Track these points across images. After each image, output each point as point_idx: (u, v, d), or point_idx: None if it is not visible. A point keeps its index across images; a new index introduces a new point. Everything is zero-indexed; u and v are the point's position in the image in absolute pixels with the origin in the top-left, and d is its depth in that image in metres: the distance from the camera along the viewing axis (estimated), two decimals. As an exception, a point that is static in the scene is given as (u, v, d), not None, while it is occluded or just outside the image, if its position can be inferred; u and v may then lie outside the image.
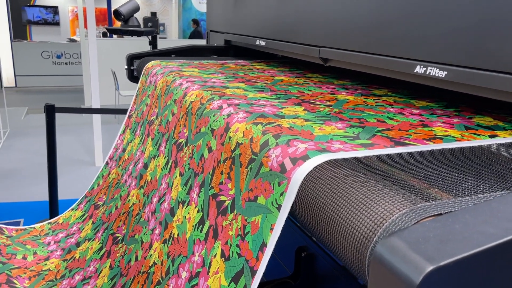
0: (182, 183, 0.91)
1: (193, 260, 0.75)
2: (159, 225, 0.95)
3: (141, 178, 1.19)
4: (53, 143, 2.52)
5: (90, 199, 1.55)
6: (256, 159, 0.65)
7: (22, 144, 4.74)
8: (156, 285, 0.84)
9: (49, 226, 1.56)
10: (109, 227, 1.25)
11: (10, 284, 1.24)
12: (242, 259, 0.61)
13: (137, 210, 1.13)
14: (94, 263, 1.20)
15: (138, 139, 1.36)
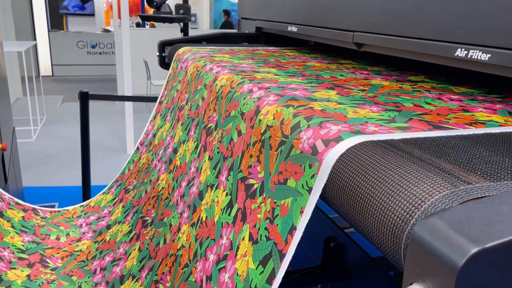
0: (211, 167, 0.91)
1: (221, 243, 0.74)
2: (188, 208, 0.95)
3: (171, 162, 1.20)
4: (86, 129, 2.58)
5: (121, 183, 1.57)
6: (286, 142, 0.63)
7: (57, 130, 4.89)
8: (183, 268, 0.84)
9: (81, 209, 1.60)
10: (139, 210, 1.27)
11: (44, 263, 1.27)
12: (270, 242, 0.60)
13: (166, 194, 1.14)
14: (123, 245, 1.22)
15: (168, 125, 1.37)
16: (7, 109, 2.25)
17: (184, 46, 1.63)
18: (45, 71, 8.79)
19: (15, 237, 1.33)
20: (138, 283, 1.01)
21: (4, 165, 1.83)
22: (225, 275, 0.68)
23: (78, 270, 1.24)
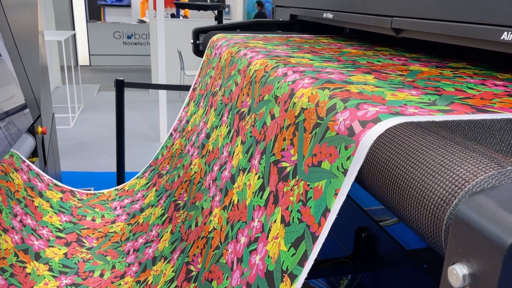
0: (243, 151, 0.91)
1: (252, 225, 0.74)
2: (220, 192, 0.96)
3: (203, 147, 1.21)
4: (121, 116, 2.63)
5: (154, 168, 1.60)
6: (321, 124, 0.62)
7: (94, 118, 5.03)
8: (215, 250, 0.85)
9: (115, 192, 1.64)
10: (172, 194, 1.29)
11: (80, 243, 1.32)
12: (303, 225, 0.59)
13: (199, 178, 1.14)
14: (156, 228, 1.24)
15: (202, 111, 1.38)
16: (47, 96, 2.33)
17: (219, 33, 1.63)
18: (83, 61, 9.04)
19: (53, 216, 1.38)
20: (169, 265, 1.03)
21: (44, 148, 1.89)
22: (256, 257, 0.68)
23: (112, 251, 1.28)
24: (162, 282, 1.00)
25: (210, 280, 0.80)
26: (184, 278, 0.91)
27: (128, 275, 1.15)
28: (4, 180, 1.29)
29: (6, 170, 1.34)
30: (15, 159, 1.43)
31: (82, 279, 1.16)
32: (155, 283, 1.02)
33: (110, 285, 1.13)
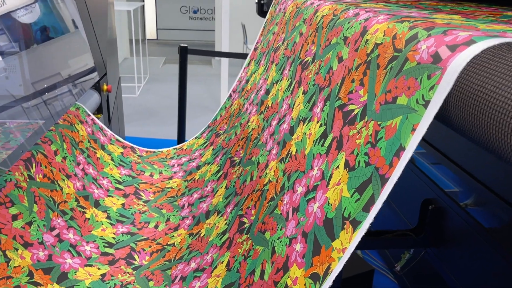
0: (305, 101, 0.84)
1: (311, 174, 0.68)
2: (277, 145, 0.91)
3: (262, 104, 1.16)
4: (184, 82, 2.65)
5: (212, 128, 1.58)
6: (399, 56, 0.54)
7: (158, 88, 5.17)
8: (269, 201, 0.80)
9: (174, 151, 1.65)
10: (228, 151, 1.26)
11: (137, 196, 1.33)
12: (370, 168, 0.52)
13: (256, 134, 1.10)
14: (211, 184, 1.22)
15: (262, 68, 1.32)
16: (114, 62, 2.40)
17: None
18: (150, 34, 9.30)
19: (113, 169, 1.41)
20: (222, 218, 1.00)
21: (109, 106, 1.95)
22: (314, 205, 0.62)
23: (167, 205, 1.28)
24: (214, 234, 0.97)
25: (263, 231, 0.76)
26: (236, 230, 0.88)
27: (181, 227, 1.14)
28: (69, 130, 1.32)
29: (71, 121, 1.38)
30: (80, 112, 1.47)
31: (137, 229, 1.17)
32: (207, 235, 1.00)
33: (163, 236, 1.13)
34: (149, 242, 1.11)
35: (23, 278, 0.84)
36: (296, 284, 0.58)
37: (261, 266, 0.70)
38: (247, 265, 0.75)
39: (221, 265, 0.84)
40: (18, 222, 0.93)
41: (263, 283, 0.66)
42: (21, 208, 0.95)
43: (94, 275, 0.96)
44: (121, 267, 1.01)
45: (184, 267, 0.95)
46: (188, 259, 0.97)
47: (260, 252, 0.73)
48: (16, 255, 0.87)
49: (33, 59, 1.43)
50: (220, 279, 0.80)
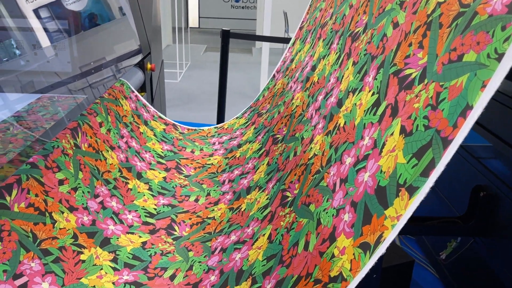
0: (355, 71, 0.81)
1: (361, 144, 0.65)
2: (323, 119, 0.88)
3: (307, 80, 1.13)
4: (225, 66, 2.65)
5: (254, 108, 1.56)
6: (466, 11, 0.50)
7: (199, 75, 5.22)
8: (314, 175, 0.78)
9: (215, 130, 1.65)
10: (270, 130, 1.24)
11: (178, 170, 1.34)
12: (430, 131, 0.49)
13: (300, 111, 1.08)
14: (252, 161, 1.21)
15: (308, 46, 1.29)
16: (158, 47, 2.44)
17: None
18: (192, 23, 9.40)
19: (156, 144, 1.42)
20: (264, 193, 0.99)
21: (152, 85, 1.97)
22: (365, 174, 0.59)
23: (208, 180, 1.28)
24: (256, 209, 0.96)
25: (307, 204, 0.74)
26: (278, 204, 0.86)
27: (221, 202, 1.14)
28: (114, 104, 1.35)
29: (116, 96, 1.40)
30: (125, 87, 1.49)
31: (178, 201, 1.17)
32: (248, 209, 0.99)
33: (203, 209, 1.13)
34: (189, 215, 1.11)
35: (68, 240, 0.86)
36: (344, 254, 0.55)
37: (305, 237, 0.68)
38: (290, 237, 0.73)
39: (262, 237, 0.82)
40: (64, 187, 0.95)
41: (308, 254, 0.64)
42: (67, 174, 0.97)
43: (136, 243, 0.98)
44: (162, 236, 1.02)
45: (224, 240, 0.94)
46: (228, 232, 0.96)
47: (304, 224, 0.71)
48: (62, 218, 0.89)
49: (80, 43, 1.50)
50: (262, 251, 0.78)
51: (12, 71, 1.42)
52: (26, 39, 1.43)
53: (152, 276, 0.89)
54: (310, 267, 0.61)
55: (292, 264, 0.66)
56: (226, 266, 0.84)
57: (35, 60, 1.40)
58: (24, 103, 1.24)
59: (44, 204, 0.87)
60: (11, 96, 1.29)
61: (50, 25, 1.48)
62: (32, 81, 1.33)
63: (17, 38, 1.46)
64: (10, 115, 1.12)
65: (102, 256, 0.89)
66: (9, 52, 1.53)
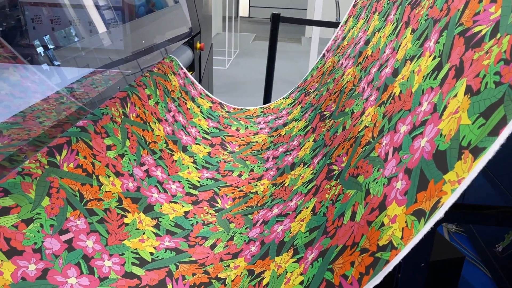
0: (414, 39, 0.75)
1: (419, 111, 0.60)
2: (376, 91, 0.83)
3: (360, 55, 1.08)
4: (274, 50, 2.62)
5: (302, 88, 1.53)
6: None
7: (246, 62, 5.21)
8: (364, 146, 0.74)
9: (261, 110, 1.62)
10: (318, 107, 1.20)
11: (223, 146, 1.33)
12: (502, 87, 0.44)
13: (351, 86, 1.03)
14: (297, 139, 1.18)
15: (362, 21, 1.24)
16: (208, 32, 2.45)
17: None
18: (243, 12, 9.41)
19: (202, 120, 1.42)
20: (309, 169, 0.95)
21: (200, 65, 1.98)
22: (422, 140, 0.55)
23: (252, 157, 1.26)
24: (300, 183, 0.93)
25: (355, 175, 0.70)
26: (324, 178, 0.83)
27: (265, 178, 1.11)
28: (163, 79, 1.36)
29: (165, 71, 1.41)
30: (174, 64, 1.50)
31: (221, 176, 1.17)
32: (292, 185, 0.96)
33: (246, 184, 1.11)
34: (232, 189, 1.10)
35: (112, 203, 0.87)
36: (395, 222, 0.51)
37: (352, 208, 0.64)
38: (335, 209, 0.69)
39: (305, 210, 0.79)
40: (111, 152, 0.96)
41: (354, 224, 0.60)
42: (114, 141, 0.99)
43: (178, 211, 0.97)
44: (204, 207, 1.01)
45: (266, 213, 0.92)
46: (270, 206, 0.94)
47: (351, 195, 0.67)
48: (108, 182, 0.90)
49: (135, 25, 1.64)
50: (304, 223, 0.75)
51: (88, 49, 1.58)
52: (98, 21, 1.59)
53: (193, 244, 0.88)
54: (357, 236, 0.57)
55: (337, 235, 0.63)
56: (267, 237, 0.82)
57: (106, 39, 1.56)
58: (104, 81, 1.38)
59: (91, 166, 0.88)
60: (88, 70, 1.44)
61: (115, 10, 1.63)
62: (100, 58, 1.49)
63: (91, 20, 1.60)
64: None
65: (145, 221, 0.90)
66: (83, 32, 1.67)
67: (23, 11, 1.84)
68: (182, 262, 0.82)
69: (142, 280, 0.75)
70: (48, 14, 1.86)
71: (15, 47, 1.73)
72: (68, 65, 1.79)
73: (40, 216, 0.71)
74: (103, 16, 1.75)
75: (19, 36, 1.89)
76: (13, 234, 0.65)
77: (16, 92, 1.52)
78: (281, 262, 0.71)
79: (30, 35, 1.88)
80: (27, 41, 1.88)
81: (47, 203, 0.73)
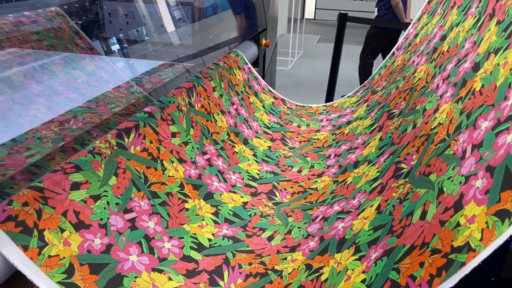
0: (499, 30, 0.70)
1: (504, 105, 0.55)
2: (453, 87, 0.78)
3: (435, 51, 1.02)
4: (339, 50, 2.57)
5: (368, 87, 1.48)
6: None
7: (309, 64, 5.17)
8: (438, 144, 0.69)
9: (324, 108, 1.59)
10: (386, 105, 1.15)
11: (283, 142, 1.32)
12: None
13: (423, 83, 0.97)
14: (362, 137, 1.14)
15: (438, 17, 1.17)
16: (274, 33, 2.46)
17: None
18: (308, 14, 9.35)
19: (264, 115, 1.42)
20: (374, 167, 0.91)
21: (265, 62, 1.98)
22: (508, 136, 0.50)
23: (313, 153, 1.24)
24: (363, 181, 0.89)
25: (427, 174, 0.66)
26: (391, 176, 0.79)
27: (326, 175, 1.09)
28: (228, 72, 1.37)
29: (231, 65, 1.42)
30: (239, 59, 1.51)
31: (281, 170, 1.15)
32: (355, 183, 0.93)
33: (306, 180, 1.09)
34: (291, 184, 1.08)
35: (175, 188, 0.89)
36: (473, 223, 0.47)
37: (422, 207, 0.60)
38: (403, 207, 0.65)
39: (369, 208, 0.76)
40: (176, 139, 0.98)
41: (424, 223, 0.56)
42: (179, 128, 1.01)
43: (237, 201, 0.97)
44: (262, 200, 1.01)
45: (326, 209, 0.89)
46: (331, 202, 0.91)
47: (422, 194, 0.63)
48: (171, 167, 0.92)
49: (201, 26, 1.77)
50: (368, 221, 0.72)
51: (158, 43, 1.68)
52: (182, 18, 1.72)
53: (251, 234, 0.88)
54: (427, 236, 0.53)
55: (404, 234, 0.59)
56: (327, 233, 0.79)
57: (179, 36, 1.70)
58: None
59: (157, 151, 0.91)
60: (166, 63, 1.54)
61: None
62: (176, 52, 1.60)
63: (162, 15, 1.71)
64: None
65: (204, 208, 0.91)
66: (156, 31, 1.78)
67: (101, 6, 1.95)
68: (239, 251, 0.82)
69: (200, 264, 0.76)
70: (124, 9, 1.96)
71: (92, 39, 1.84)
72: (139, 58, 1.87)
73: (107, 194, 0.73)
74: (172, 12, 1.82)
75: (97, 29, 2.01)
76: (82, 208, 0.68)
77: (91, 81, 1.61)
78: (342, 259, 0.68)
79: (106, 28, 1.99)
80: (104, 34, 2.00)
81: (114, 182, 0.76)
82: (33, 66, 1.42)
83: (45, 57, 1.49)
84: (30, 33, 1.51)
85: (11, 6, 1.54)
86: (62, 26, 1.68)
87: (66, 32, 1.67)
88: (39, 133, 1.03)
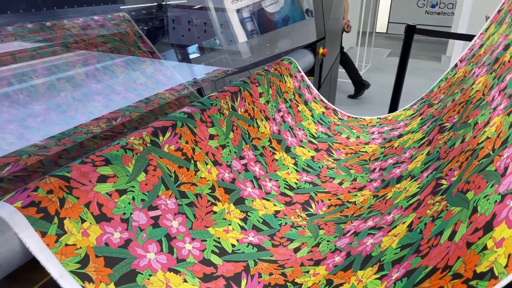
0: None
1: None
2: (508, 98, 0.70)
3: (496, 62, 0.93)
4: (405, 62, 2.46)
5: (426, 100, 1.39)
6: None
7: (377, 77, 5.01)
8: (481, 159, 0.62)
9: (377, 120, 1.52)
10: (439, 119, 1.07)
11: (328, 152, 1.27)
12: None
13: (480, 95, 0.89)
14: (410, 151, 1.06)
15: (505, 26, 1.07)
16: (335, 46, 2.42)
17: None
18: (380, 28, 9.10)
19: (311, 124, 1.38)
20: (416, 182, 0.85)
21: (321, 71, 1.94)
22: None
23: (357, 166, 1.18)
24: (402, 197, 0.83)
25: (464, 191, 0.59)
26: (429, 192, 0.72)
27: (367, 189, 1.03)
28: (278, 79, 1.35)
29: (282, 72, 1.41)
30: (292, 66, 1.49)
31: (321, 181, 1.11)
32: (394, 198, 0.86)
33: (346, 193, 1.04)
34: (329, 196, 1.04)
35: (205, 189, 0.88)
36: (501, 246, 0.41)
37: (452, 227, 0.54)
38: (434, 226, 0.59)
39: (402, 225, 0.70)
40: (213, 142, 0.98)
41: (451, 244, 0.50)
42: (218, 131, 1.01)
43: (269, 209, 0.95)
44: (296, 210, 0.97)
45: (360, 224, 0.84)
46: (366, 217, 0.86)
47: (455, 213, 0.57)
48: (205, 168, 0.92)
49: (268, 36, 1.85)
50: (397, 239, 0.66)
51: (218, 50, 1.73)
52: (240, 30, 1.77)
53: (277, 244, 0.85)
54: (451, 259, 0.47)
55: (429, 255, 0.53)
56: (354, 249, 0.74)
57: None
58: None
59: (191, 152, 0.91)
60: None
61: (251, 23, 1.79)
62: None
63: (221, 22, 1.79)
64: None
65: (233, 213, 0.89)
66: (223, 41, 1.86)
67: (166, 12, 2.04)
68: (262, 259, 0.79)
69: (218, 269, 0.74)
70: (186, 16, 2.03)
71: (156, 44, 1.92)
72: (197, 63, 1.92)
73: (133, 190, 0.74)
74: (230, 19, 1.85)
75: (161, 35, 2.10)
76: (106, 201, 0.69)
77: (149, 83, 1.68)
78: (363, 276, 0.63)
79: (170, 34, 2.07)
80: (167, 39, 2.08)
81: (143, 179, 0.77)
82: (96, 67, 1.51)
83: (108, 58, 1.59)
84: (97, 36, 1.61)
85: (82, 11, 1.65)
86: (127, 31, 1.77)
87: (130, 36, 1.76)
88: (87, 128, 1.08)
